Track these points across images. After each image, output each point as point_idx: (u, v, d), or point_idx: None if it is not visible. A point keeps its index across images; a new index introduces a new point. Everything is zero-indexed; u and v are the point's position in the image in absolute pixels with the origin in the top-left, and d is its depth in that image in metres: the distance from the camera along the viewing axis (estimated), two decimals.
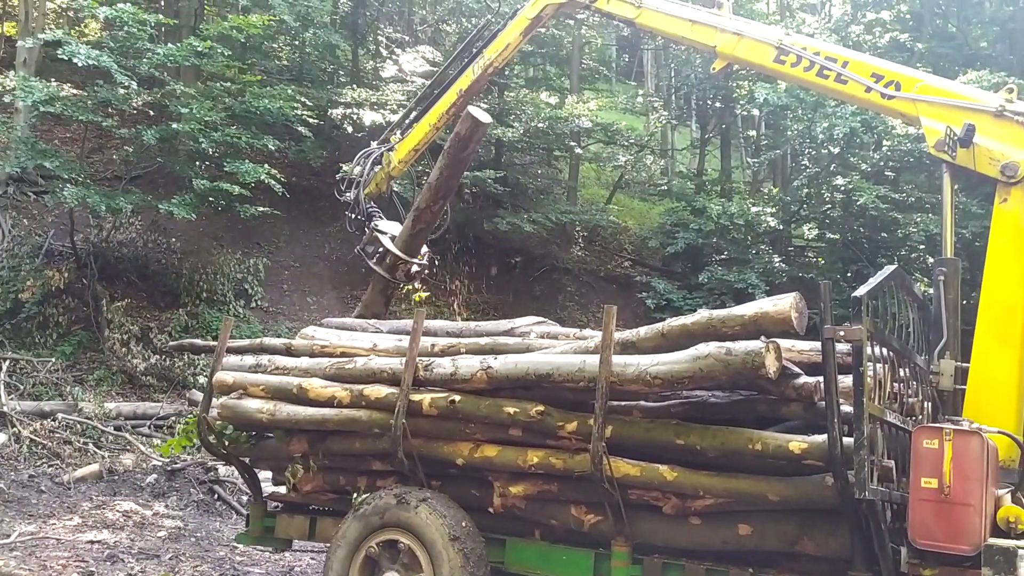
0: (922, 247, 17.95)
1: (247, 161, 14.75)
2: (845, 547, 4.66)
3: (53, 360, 13.13)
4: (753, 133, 25.80)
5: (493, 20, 8.60)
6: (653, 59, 29.94)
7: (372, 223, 8.36)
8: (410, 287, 8.70)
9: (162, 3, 19.79)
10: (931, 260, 16.78)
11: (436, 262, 10.81)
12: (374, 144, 8.90)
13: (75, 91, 13.79)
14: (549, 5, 8.02)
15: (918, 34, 20.38)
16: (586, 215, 20.55)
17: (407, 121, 8.88)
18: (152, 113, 15.18)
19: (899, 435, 4.85)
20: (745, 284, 17.52)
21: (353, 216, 8.58)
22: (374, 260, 8.24)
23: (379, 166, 8.62)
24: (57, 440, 11.44)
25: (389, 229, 8.35)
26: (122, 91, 13.64)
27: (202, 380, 13.18)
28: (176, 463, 11.09)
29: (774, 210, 19.70)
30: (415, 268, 8.34)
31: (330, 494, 6.35)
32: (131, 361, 13.61)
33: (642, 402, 5.15)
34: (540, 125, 19.01)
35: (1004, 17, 20.48)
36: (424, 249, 8.43)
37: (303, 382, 6.04)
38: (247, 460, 6.76)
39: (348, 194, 8.66)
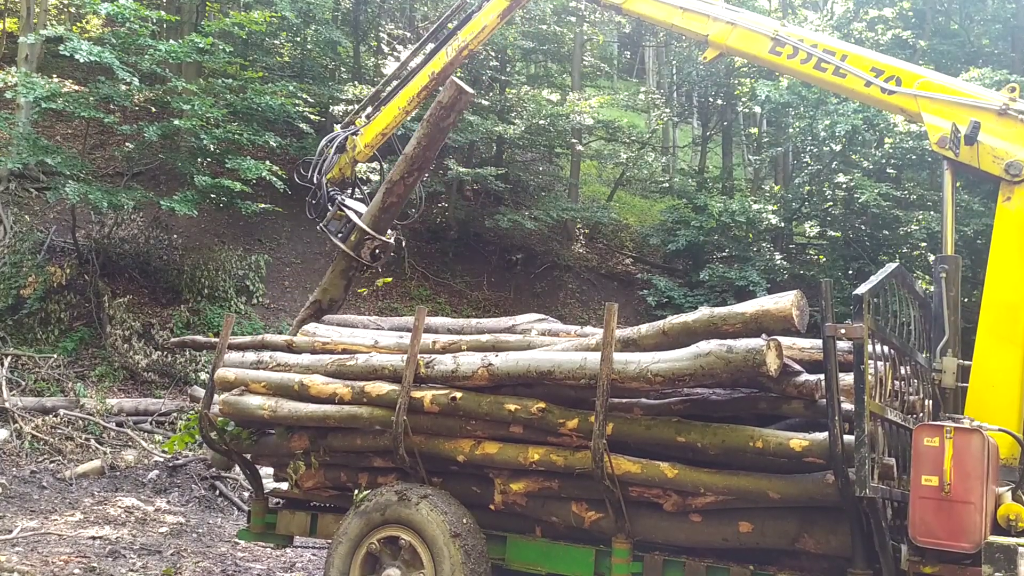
0: (924, 245, 17.95)
1: (248, 158, 14.77)
2: (846, 545, 4.67)
3: (55, 356, 13.16)
4: (755, 130, 25.80)
5: (469, 1, 8.23)
6: (655, 56, 29.95)
7: (338, 200, 7.91)
8: (373, 271, 8.15)
9: None
10: (932, 258, 16.79)
11: (404, 245, 10.06)
12: (338, 128, 8.50)
13: (77, 87, 13.79)
14: None
15: (920, 31, 20.36)
16: (587, 212, 20.57)
17: (374, 105, 8.46)
18: (154, 109, 15.19)
19: (900, 433, 4.85)
20: (746, 282, 17.53)
21: (314, 202, 8.14)
22: (339, 236, 7.79)
23: (343, 152, 8.18)
24: (59, 436, 11.46)
25: (356, 206, 7.91)
26: (124, 87, 13.65)
27: (204, 376, 13.23)
28: (178, 459, 11.11)
29: (775, 207, 19.71)
30: (380, 248, 7.86)
31: (331, 490, 6.35)
32: (133, 357, 13.63)
33: (643, 399, 5.16)
34: (542, 122, 19.01)
35: (1006, 15, 20.47)
36: (391, 232, 7.99)
37: (304, 379, 6.05)
38: (249, 456, 6.77)
39: (312, 176, 8.24)
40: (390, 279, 8.22)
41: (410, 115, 8.42)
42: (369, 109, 8.47)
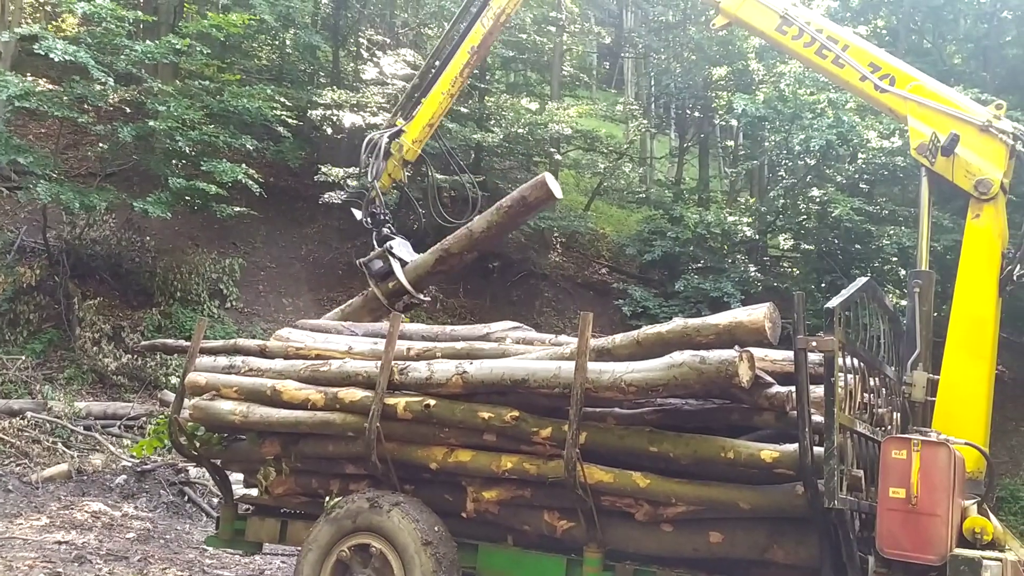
0: (895, 259, 18.15)
1: (224, 160, 14.64)
2: (814, 555, 4.70)
3: (23, 358, 12.96)
4: (731, 143, 26.01)
5: None
6: (633, 67, 30.09)
7: (387, 242, 7.77)
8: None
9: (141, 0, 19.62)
10: (903, 272, 16.99)
11: (438, 302, 9.95)
12: (376, 134, 8.34)
13: (51, 86, 13.66)
14: None
15: (894, 49, 20.57)
16: (564, 221, 20.58)
17: (410, 102, 8.36)
18: (129, 110, 15.03)
19: (868, 445, 4.90)
20: (720, 293, 17.61)
21: (370, 220, 8.00)
22: (376, 279, 7.72)
23: (388, 157, 8.04)
24: (26, 439, 11.28)
25: (401, 252, 7.78)
26: (99, 87, 13.51)
27: (174, 380, 13.07)
28: (146, 464, 10.97)
29: (750, 220, 19.85)
30: (414, 303, 7.84)
31: (302, 497, 6.30)
32: (102, 360, 13.46)
33: (616, 409, 5.17)
34: (520, 131, 19.03)
35: (979, 34, 20.80)
36: (428, 290, 7.97)
37: (277, 384, 6.01)
38: (218, 462, 6.70)
39: (349, 189, 8.23)
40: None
41: (454, 98, 8.32)
42: (402, 113, 8.37)
